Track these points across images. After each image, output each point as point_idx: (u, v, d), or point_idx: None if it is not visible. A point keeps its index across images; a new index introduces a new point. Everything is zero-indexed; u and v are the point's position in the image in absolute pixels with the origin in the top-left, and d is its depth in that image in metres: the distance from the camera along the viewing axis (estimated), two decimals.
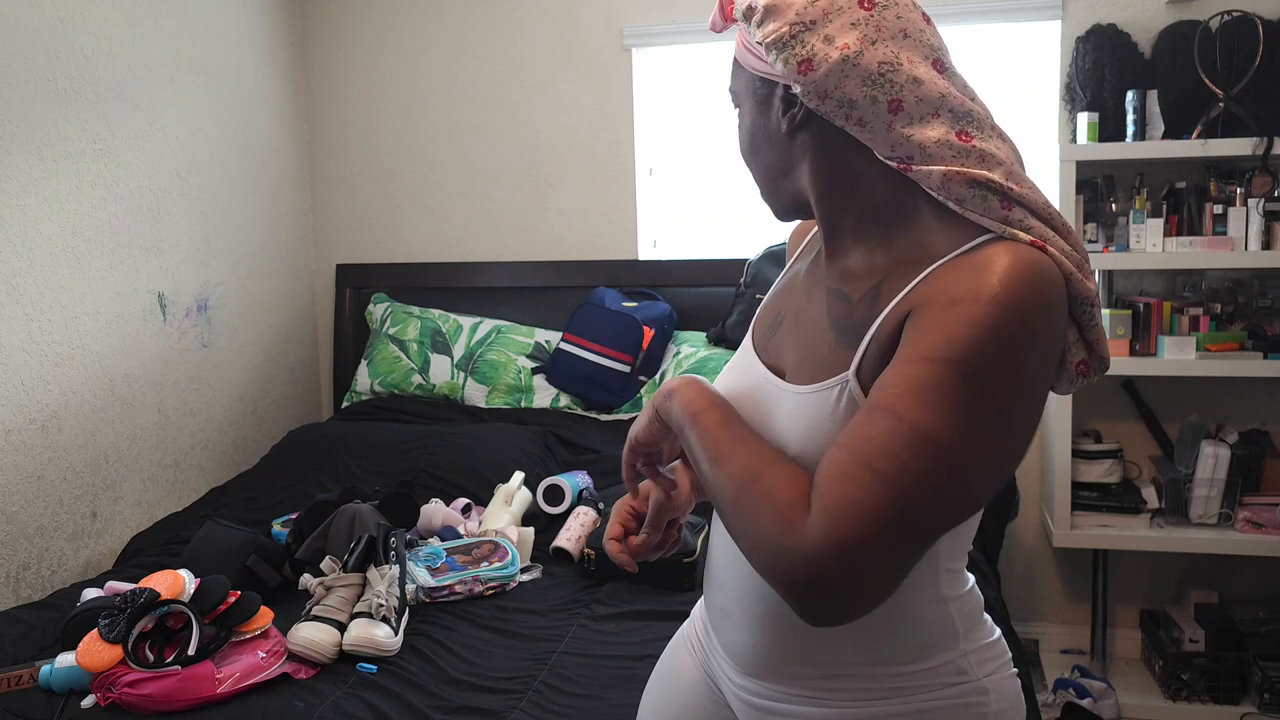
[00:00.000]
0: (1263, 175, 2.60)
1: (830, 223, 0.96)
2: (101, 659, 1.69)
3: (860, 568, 0.76)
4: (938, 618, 0.96)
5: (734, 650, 1.02)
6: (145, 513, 2.68)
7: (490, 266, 3.35)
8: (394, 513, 2.22)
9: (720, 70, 3.20)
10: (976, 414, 0.78)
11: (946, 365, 0.79)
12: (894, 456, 0.77)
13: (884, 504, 0.76)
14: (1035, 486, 3.08)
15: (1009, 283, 0.80)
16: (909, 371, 0.81)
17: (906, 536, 0.77)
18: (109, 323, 2.57)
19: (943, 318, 0.81)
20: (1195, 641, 2.79)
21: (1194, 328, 2.71)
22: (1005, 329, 0.79)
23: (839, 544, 0.76)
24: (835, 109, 0.88)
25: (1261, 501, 2.73)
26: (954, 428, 0.78)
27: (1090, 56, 2.82)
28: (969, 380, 0.78)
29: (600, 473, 2.69)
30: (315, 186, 3.51)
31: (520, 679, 1.75)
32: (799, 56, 0.88)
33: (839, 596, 0.77)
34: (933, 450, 0.77)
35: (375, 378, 3.22)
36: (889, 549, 0.76)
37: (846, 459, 0.79)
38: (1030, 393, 0.82)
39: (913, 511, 0.77)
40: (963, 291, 0.82)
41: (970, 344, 0.79)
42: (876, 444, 0.78)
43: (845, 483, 0.78)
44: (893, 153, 0.88)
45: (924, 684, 0.95)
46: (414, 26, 3.35)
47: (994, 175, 0.86)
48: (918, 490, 0.77)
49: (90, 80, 2.51)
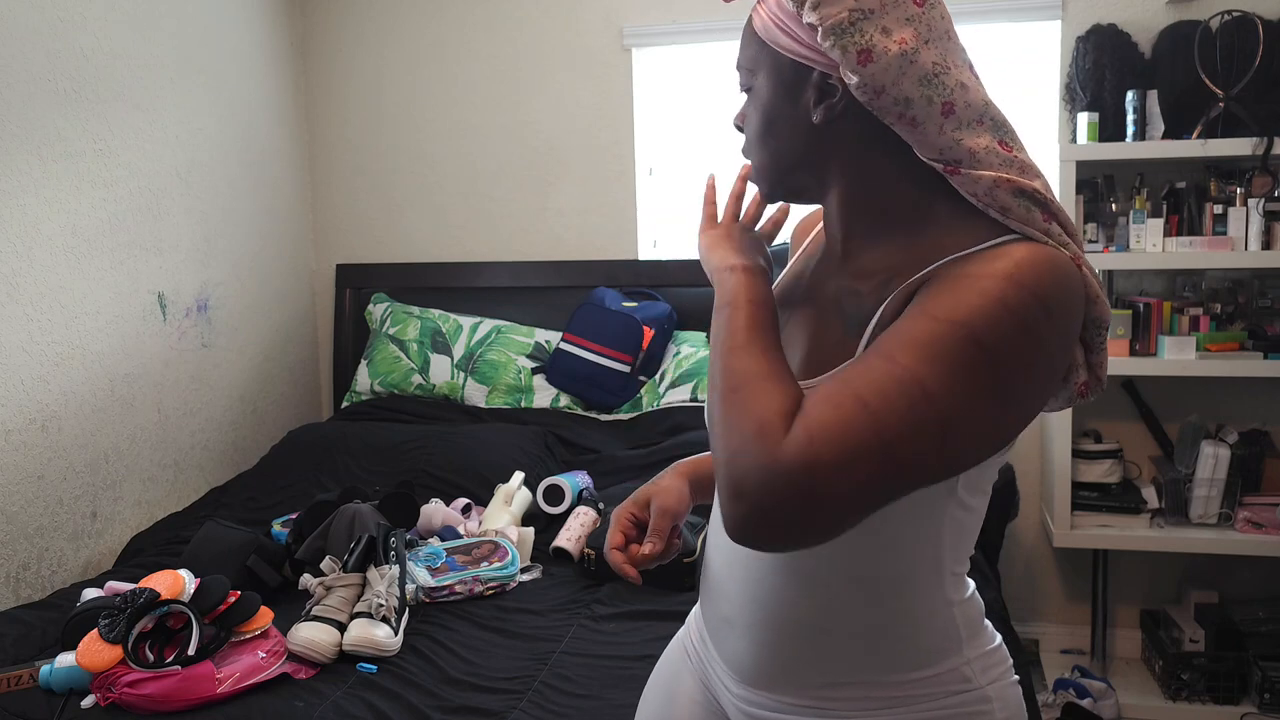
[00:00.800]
0: (1263, 175, 2.60)
1: (849, 220, 0.94)
2: (101, 659, 1.69)
3: (823, 491, 0.75)
4: (942, 623, 0.94)
5: (735, 660, 1.00)
6: (145, 513, 2.68)
7: (490, 266, 3.35)
8: (394, 513, 2.22)
9: (720, 70, 3.20)
10: (973, 376, 0.77)
11: (951, 325, 0.78)
12: (882, 394, 0.76)
13: (863, 433, 0.75)
14: (1035, 486, 3.08)
15: (1027, 266, 0.79)
16: (910, 326, 0.80)
17: (876, 473, 0.75)
18: (109, 323, 2.57)
19: (951, 286, 0.81)
20: (1195, 641, 2.79)
21: (1194, 328, 2.71)
22: (1017, 303, 0.78)
23: (810, 461, 0.75)
24: (890, 105, 0.85)
25: (1261, 501, 2.73)
26: (945, 382, 0.76)
27: (1090, 56, 2.82)
28: (971, 343, 0.77)
29: (600, 473, 2.69)
30: (315, 186, 3.51)
31: (520, 679, 1.75)
32: (858, 45, 0.84)
33: (791, 517, 0.75)
34: (920, 396, 0.76)
35: (375, 378, 3.22)
36: (857, 480, 0.75)
37: (836, 388, 0.79)
38: (1035, 374, 0.80)
39: (889, 449, 0.75)
40: (975, 268, 0.81)
41: (978, 311, 0.77)
42: (867, 380, 0.78)
43: (829, 406, 0.77)
44: (940, 156, 0.86)
45: (927, 692, 0.93)
46: (414, 26, 3.35)
47: (1038, 186, 0.85)
48: (898, 430, 0.75)
49: (90, 80, 2.51)
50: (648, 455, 2.73)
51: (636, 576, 1.07)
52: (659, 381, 3.04)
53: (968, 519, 0.93)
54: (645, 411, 2.99)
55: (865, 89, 0.85)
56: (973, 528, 0.95)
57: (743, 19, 3.14)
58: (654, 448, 2.77)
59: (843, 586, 0.92)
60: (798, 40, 0.89)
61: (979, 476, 0.91)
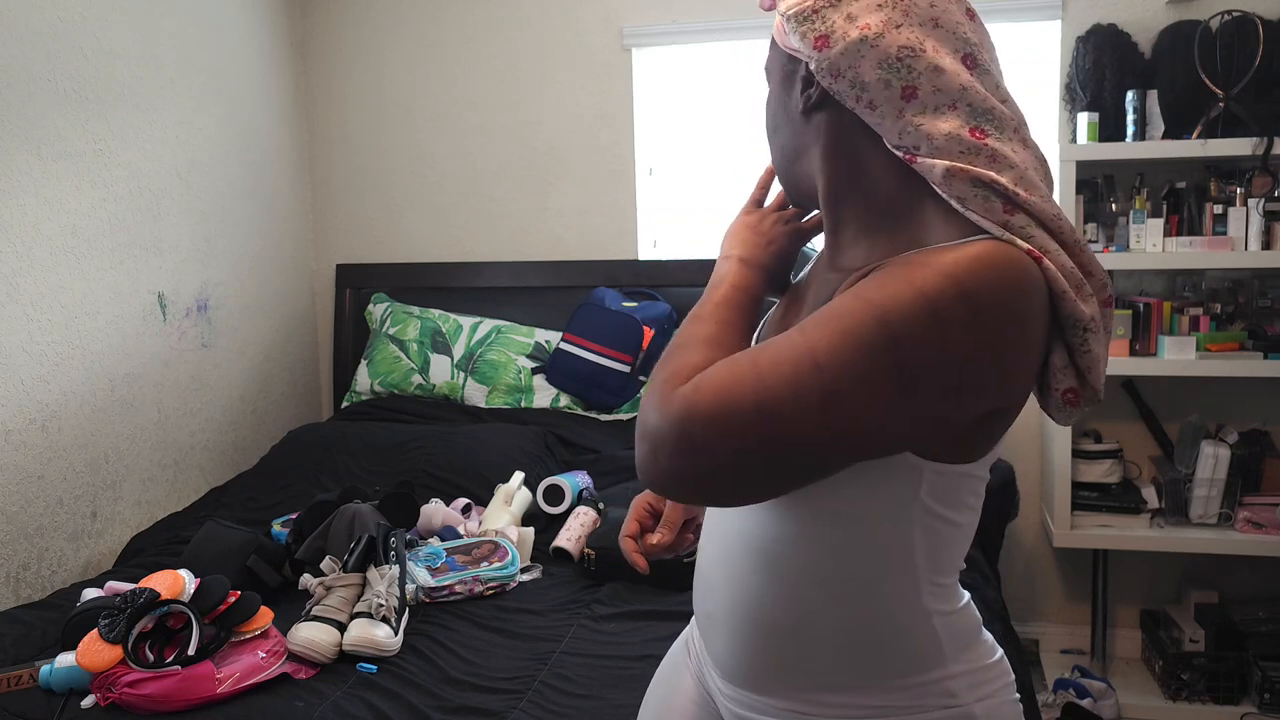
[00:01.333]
0: (1263, 175, 2.60)
1: (834, 212, 0.95)
2: (101, 659, 1.68)
3: (698, 440, 0.77)
4: (922, 632, 0.92)
5: (720, 657, 1.00)
6: (145, 513, 2.68)
7: (490, 266, 3.35)
8: (394, 513, 2.22)
9: (720, 70, 3.20)
10: (870, 356, 0.76)
11: (865, 304, 0.78)
12: (775, 358, 0.78)
13: (743, 389, 0.77)
14: (1035, 486, 3.08)
15: (967, 263, 0.78)
16: (834, 302, 0.81)
17: (751, 432, 0.76)
18: (109, 323, 2.57)
19: (889, 271, 0.81)
20: (1195, 641, 2.79)
21: (1194, 328, 2.71)
22: (940, 298, 0.76)
23: (688, 409, 0.77)
24: (847, 89, 0.86)
25: (1261, 501, 2.73)
26: (840, 357, 0.76)
27: (1090, 56, 2.82)
28: (879, 325, 0.76)
29: (600, 473, 2.69)
30: (315, 186, 3.51)
31: (520, 679, 1.75)
32: (817, 31, 0.87)
33: (674, 463, 0.78)
34: (809, 365, 0.76)
35: (375, 378, 3.22)
36: (731, 436, 0.76)
37: (744, 352, 0.81)
38: (947, 375, 0.77)
39: (762, 408, 0.76)
40: (919, 259, 0.80)
41: (898, 297, 0.77)
42: (771, 346, 0.80)
43: (725, 365, 0.80)
44: (900, 141, 0.86)
45: (908, 704, 0.91)
46: (414, 27, 3.35)
47: (1001, 177, 0.82)
48: (776, 392, 0.76)
49: (90, 80, 2.51)
50: None
51: (644, 565, 1.07)
52: None
53: (946, 530, 0.90)
54: None
55: (823, 73, 0.87)
56: (954, 540, 0.92)
57: (743, 20, 3.17)
58: None
59: (813, 587, 0.92)
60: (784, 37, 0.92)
61: (949, 486, 0.88)
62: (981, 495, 0.93)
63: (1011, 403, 0.85)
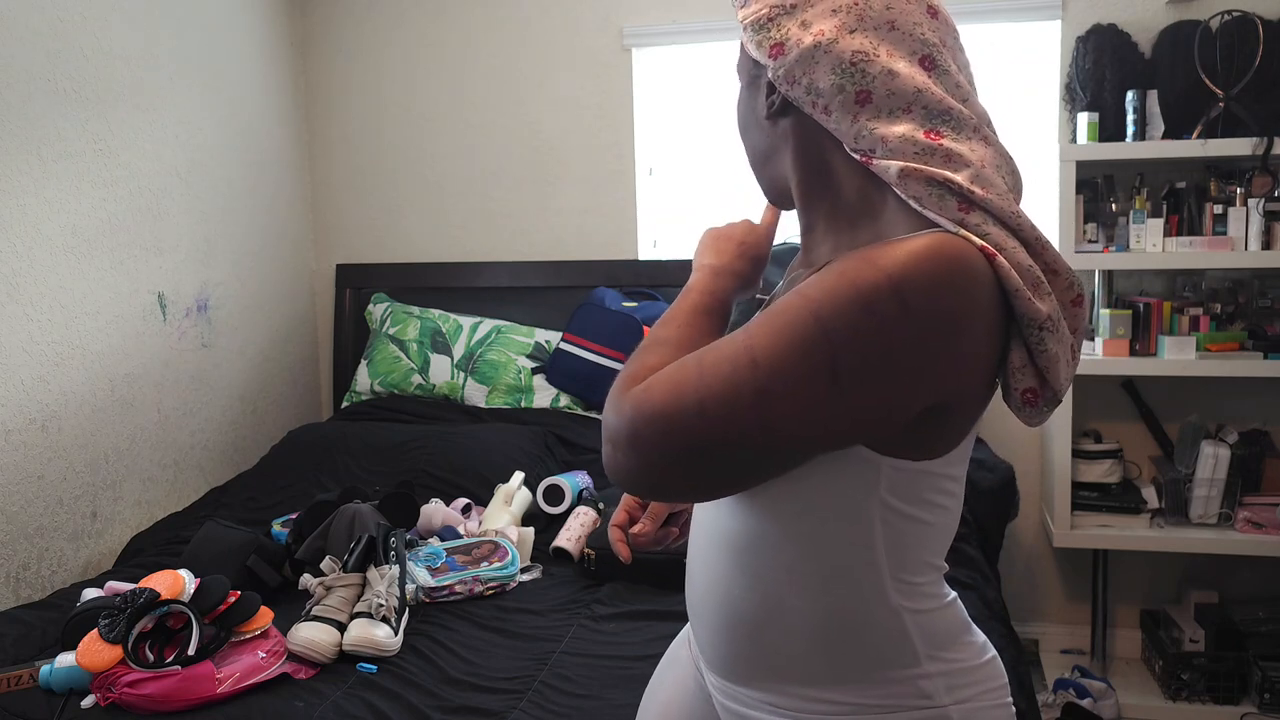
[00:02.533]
0: (1263, 175, 2.60)
1: (805, 213, 0.97)
2: (101, 659, 1.68)
3: (646, 436, 0.79)
4: (891, 629, 0.91)
5: (705, 649, 1.02)
6: (145, 513, 2.68)
7: (490, 266, 3.35)
8: (394, 513, 2.22)
9: (720, 70, 3.20)
10: (804, 354, 0.77)
11: (802, 299, 0.79)
12: (718, 356, 0.80)
13: (685, 388, 0.79)
14: (1035, 486, 3.08)
15: (905, 256, 0.78)
16: (778, 301, 0.83)
17: (693, 429, 0.78)
18: (109, 323, 2.57)
19: (830, 267, 0.82)
20: (1195, 641, 2.79)
21: (1194, 328, 2.71)
22: (872, 292, 0.77)
23: (637, 408, 0.80)
24: (803, 95, 0.88)
25: (1261, 501, 2.73)
26: (775, 354, 0.78)
27: (1090, 56, 2.82)
28: (813, 321, 0.78)
29: (600, 473, 2.69)
30: (315, 186, 3.51)
31: (520, 679, 1.75)
32: (772, 40, 0.89)
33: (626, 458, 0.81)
34: (746, 365, 0.78)
35: (375, 378, 3.22)
36: (674, 433, 0.78)
37: (696, 353, 0.83)
38: (880, 370, 0.77)
39: (703, 407, 0.78)
40: (860, 255, 0.81)
41: (832, 291, 0.78)
42: (716, 346, 0.82)
43: (676, 366, 0.82)
44: (856, 144, 0.87)
45: (881, 703, 0.90)
46: (414, 26, 3.35)
47: (956, 176, 0.83)
48: (715, 390, 0.78)
49: (90, 80, 2.51)
50: None
51: (627, 554, 1.09)
52: None
53: (911, 528, 0.90)
54: None
55: (780, 80, 0.89)
56: (924, 538, 0.91)
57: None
58: None
59: (781, 580, 0.92)
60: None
61: (910, 483, 0.87)
62: (955, 494, 0.92)
63: (959, 399, 0.85)
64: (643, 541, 1.09)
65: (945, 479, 0.90)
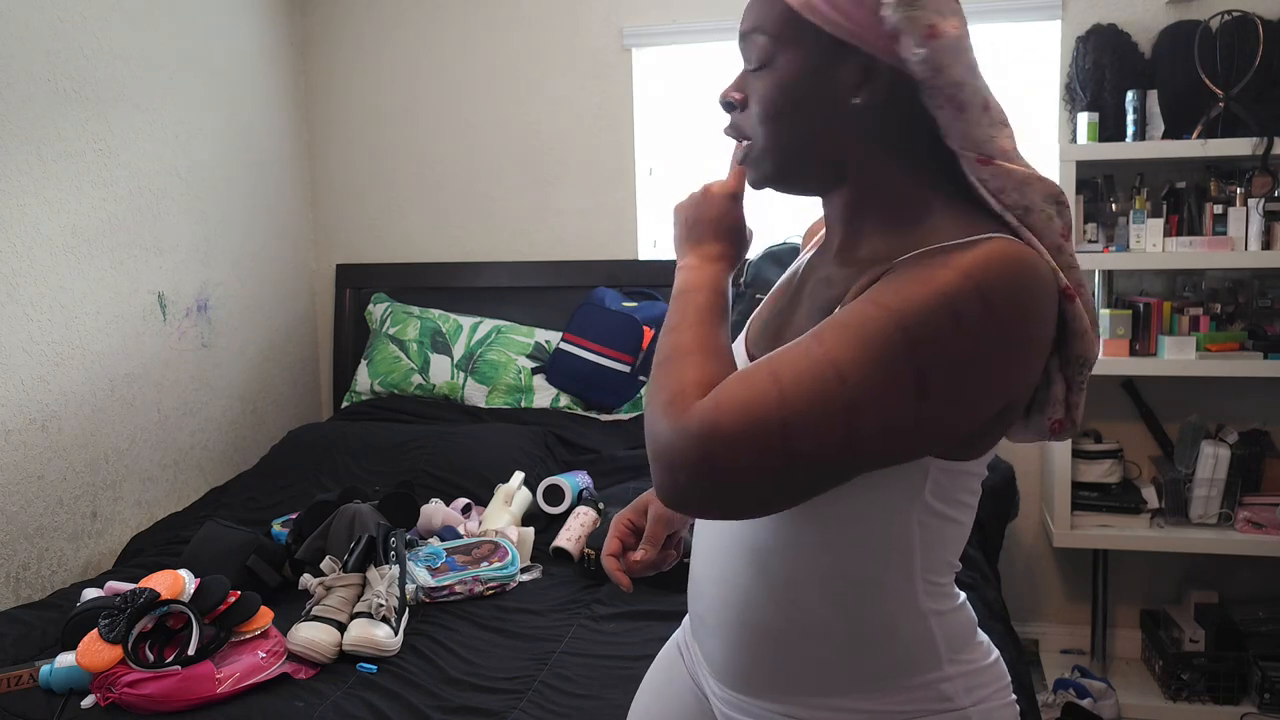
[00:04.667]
0: (1263, 175, 2.60)
1: (854, 205, 0.92)
2: (101, 659, 1.68)
3: (722, 459, 0.75)
4: (917, 632, 0.90)
5: (712, 659, 1.00)
6: (145, 513, 2.68)
7: (490, 266, 3.35)
8: (394, 513, 2.22)
9: (720, 70, 3.20)
10: (893, 367, 0.74)
11: (884, 311, 0.76)
12: (797, 372, 0.76)
13: (766, 406, 0.75)
14: (1035, 486, 3.08)
15: (985, 258, 0.77)
16: (848, 310, 0.79)
17: (777, 450, 0.74)
18: (109, 323, 2.57)
19: (904, 273, 0.79)
20: (1195, 641, 2.79)
21: (1194, 328, 2.71)
22: (956, 295, 0.75)
23: (711, 428, 0.75)
24: (945, 86, 0.83)
25: (1261, 501, 2.73)
26: (863, 368, 0.75)
27: (1090, 56, 2.82)
28: (900, 332, 0.75)
29: (600, 473, 2.69)
30: (315, 186, 3.51)
31: (520, 679, 1.75)
32: (927, 21, 0.82)
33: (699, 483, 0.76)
34: (833, 378, 0.75)
35: (375, 378, 3.22)
36: (756, 453, 0.74)
37: (758, 364, 0.79)
38: (967, 379, 0.76)
39: (788, 426, 0.74)
40: (937, 258, 0.79)
41: (916, 300, 0.75)
42: (787, 357, 0.78)
43: (743, 381, 0.78)
44: (976, 147, 0.84)
45: (903, 709, 0.90)
46: (414, 26, 3.35)
47: (1061, 196, 0.84)
48: (801, 408, 0.74)
49: (90, 80, 2.51)
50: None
51: (628, 584, 1.06)
52: None
53: (944, 528, 0.90)
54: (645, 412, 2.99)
55: (927, 65, 0.82)
56: (952, 538, 0.91)
57: (738, 19, 3.15)
58: None
59: (808, 588, 0.90)
60: (845, 15, 0.84)
61: (950, 484, 0.87)
62: (978, 492, 0.92)
63: (1021, 399, 0.85)
64: (640, 569, 1.07)
65: (976, 477, 0.90)
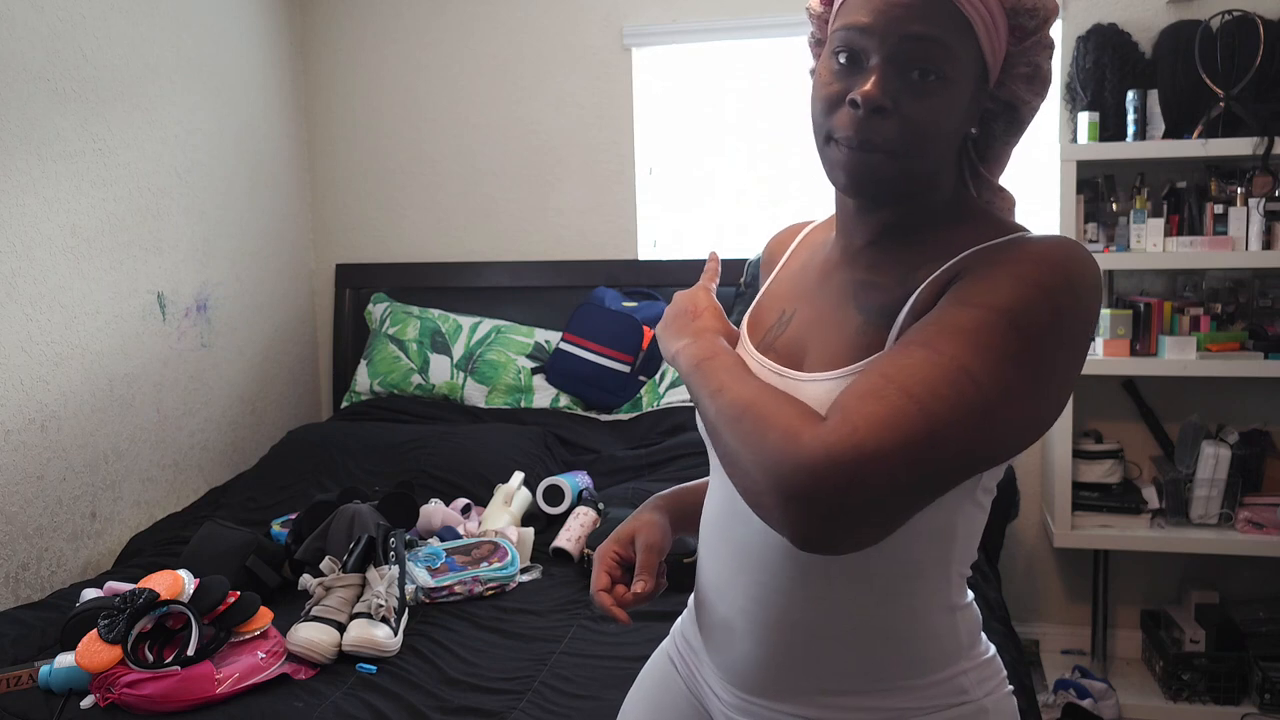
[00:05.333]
0: (1263, 175, 2.60)
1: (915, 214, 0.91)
2: (101, 659, 1.68)
3: (869, 480, 0.72)
4: (945, 628, 0.92)
5: (735, 666, 0.98)
6: (145, 513, 2.68)
7: (490, 266, 3.35)
8: (393, 513, 2.22)
9: (720, 70, 3.20)
10: (1014, 361, 0.76)
11: (990, 310, 0.77)
12: (928, 383, 0.75)
13: (913, 421, 0.73)
14: (1036, 486, 3.08)
15: (1060, 251, 0.80)
16: (948, 315, 0.79)
17: (927, 464, 0.74)
18: (108, 323, 2.57)
19: (986, 274, 0.81)
20: (1196, 642, 2.79)
21: (1194, 328, 2.71)
22: (1052, 286, 0.78)
23: (855, 449, 0.72)
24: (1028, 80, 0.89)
25: (1262, 501, 2.73)
26: (990, 368, 0.75)
27: (1091, 56, 2.82)
28: (1012, 328, 0.77)
29: (600, 473, 2.69)
30: (315, 186, 3.51)
31: (520, 679, 1.74)
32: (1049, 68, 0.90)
33: (839, 509, 0.73)
34: (968, 384, 0.75)
35: (375, 378, 3.22)
36: (908, 467, 0.73)
37: (877, 381, 0.77)
38: (1066, 359, 0.79)
39: (939, 438, 0.74)
40: (1006, 256, 0.81)
41: (1016, 295, 0.78)
42: (911, 370, 0.76)
43: (874, 399, 0.75)
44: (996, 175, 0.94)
45: (923, 705, 0.91)
46: (414, 26, 3.35)
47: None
48: (949, 418, 0.74)
49: (90, 80, 2.50)
50: (647, 455, 2.73)
51: (626, 618, 1.00)
52: (659, 381, 3.04)
53: (979, 518, 0.93)
54: (645, 411, 2.99)
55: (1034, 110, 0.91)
56: (981, 527, 0.94)
57: (743, 19, 3.16)
58: (654, 448, 2.77)
59: (848, 584, 0.91)
60: (995, 43, 0.86)
61: (995, 473, 0.91)
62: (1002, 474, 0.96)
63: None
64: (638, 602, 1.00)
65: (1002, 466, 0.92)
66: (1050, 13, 0.86)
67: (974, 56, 0.85)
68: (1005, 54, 0.87)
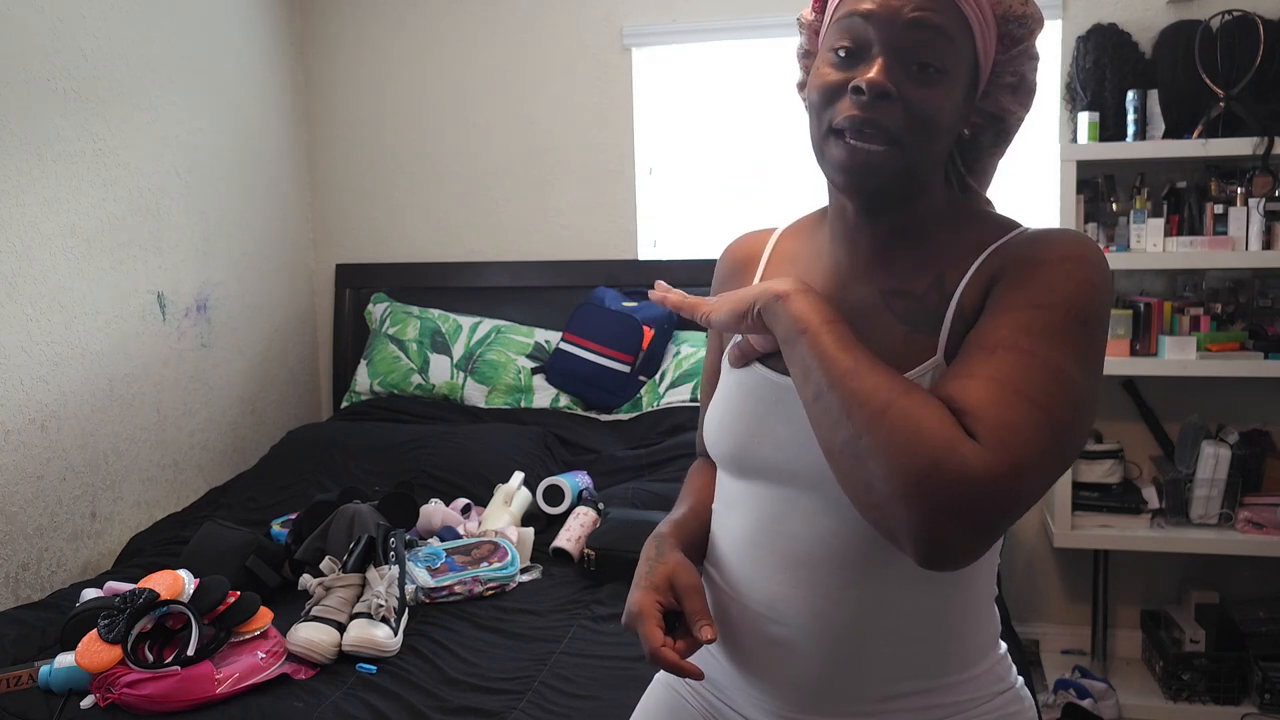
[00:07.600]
0: (1263, 175, 2.60)
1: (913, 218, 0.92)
2: (101, 659, 1.68)
3: (1024, 493, 0.75)
4: (989, 616, 0.97)
5: (790, 685, 0.94)
6: (145, 513, 2.68)
7: (490, 266, 3.35)
8: (393, 513, 2.22)
9: (720, 70, 3.20)
10: (1086, 354, 0.80)
11: (1058, 310, 0.81)
12: (1041, 386, 0.78)
13: (1043, 429, 0.76)
14: None
15: (1083, 244, 0.85)
16: (1019, 317, 0.82)
17: (1057, 466, 0.77)
18: (108, 323, 2.57)
19: (1036, 273, 0.83)
20: (1196, 642, 2.79)
21: (1194, 328, 2.71)
22: (1095, 280, 0.83)
23: (1013, 468, 0.74)
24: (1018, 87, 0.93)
25: (1262, 501, 2.73)
26: (1077, 366, 0.79)
27: (1091, 56, 2.82)
28: (1080, 324, 0.80)
29: (600, 473, 2.69)
30: (315, 186, 3.51)
31: (520, 679, 1.74)
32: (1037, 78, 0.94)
33: (991, 526, 0.74)
34: (1069, 382, 0.79)
35: (375, 378, 3.22)
36: (1044, 477, 0.77)
37: (994, 389, 0.78)
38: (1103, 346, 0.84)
39: (1059, 441, 0.77)
40: (1045, 253, 0.84)
41: (1074, 294, 0.81)
42: (1018, 375, 0.78)
43: (1005, 409, 0.76)
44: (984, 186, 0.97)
45: (974, 696, 0.94)
46: (414, 26, 3.35)
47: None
48: (1065, 420, 0.77)
49: (90, 80, 2.50)
50: (648, 455, 2.73)
51: (698, 671, 0.91)
52: (659, 381, 3.03)
53: None
54: (645, 411, 2.99)
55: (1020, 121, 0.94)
56: None
57: (743, 20, 3.16)
58: (654, 448, 2.77)
59: (912, 583, 0.90)
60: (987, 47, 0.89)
61: None
62: None
63: None
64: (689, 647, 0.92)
65: None
66: (1038, 24, 0.90)
67: (969, 57, 0.87)
68: (993, 62, 0.90)
